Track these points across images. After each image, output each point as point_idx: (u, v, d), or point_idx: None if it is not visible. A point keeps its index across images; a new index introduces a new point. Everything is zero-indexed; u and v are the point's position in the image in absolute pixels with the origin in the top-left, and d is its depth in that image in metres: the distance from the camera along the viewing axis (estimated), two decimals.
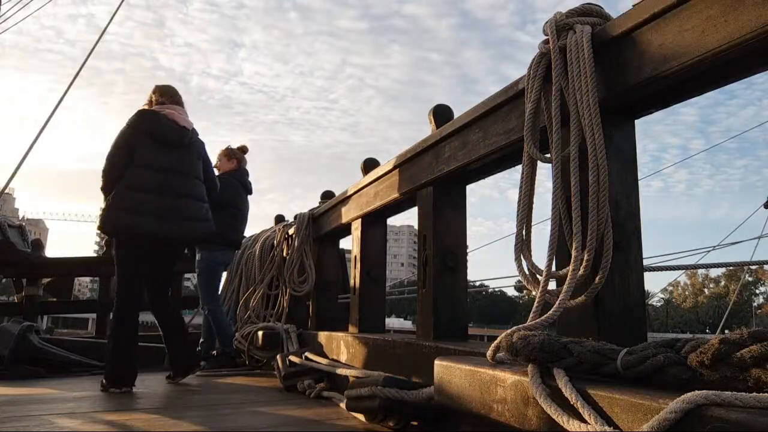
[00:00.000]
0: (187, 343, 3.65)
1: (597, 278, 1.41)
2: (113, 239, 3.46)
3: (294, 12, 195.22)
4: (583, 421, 0.95)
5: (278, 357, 3.27)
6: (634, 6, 1.39)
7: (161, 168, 3.31)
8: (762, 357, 0.81)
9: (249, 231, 5.31)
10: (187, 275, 6.82)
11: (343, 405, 2.27)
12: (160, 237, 3.27)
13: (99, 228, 3.32)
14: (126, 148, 3.29)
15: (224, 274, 5.19)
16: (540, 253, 1.50)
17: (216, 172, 4.01)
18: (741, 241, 5.64)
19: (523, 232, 1.55)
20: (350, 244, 3.63)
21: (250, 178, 5.04)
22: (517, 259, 1.53)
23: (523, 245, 1.54)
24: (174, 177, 3.34)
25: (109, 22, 6.40)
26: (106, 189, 3.28)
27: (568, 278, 1.37)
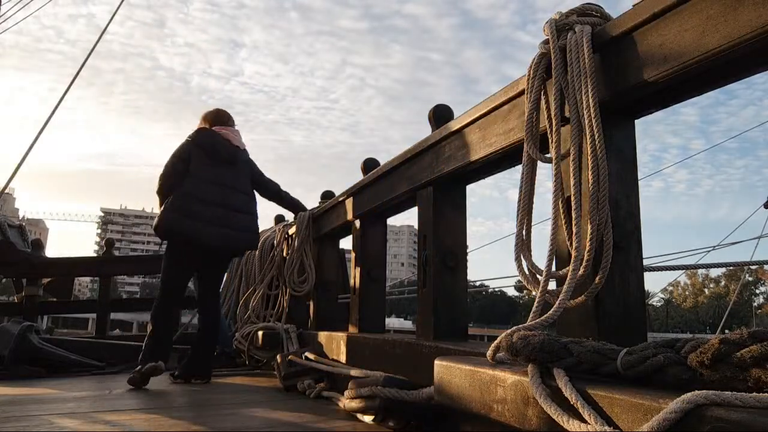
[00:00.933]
0: (209, 353, 3.71)
1: (597, 278, 1.41)
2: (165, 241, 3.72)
3: (294, 12, 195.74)
4: (583, 421, 0.95)
5: (278, 357, 3.27)
6: (634, 6, 1.39)
7: (215, 181, 3.68)
8: (762, 357, 0.81)
9: None
10: None
11: (343, 405, 2.27)
12: (206, 242, 3.61)
13: (154, 229, 3.63)
14: (184, 158, 3.67)
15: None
16: (540, 253, 1.51)
17: None
18: (741, 241, 5.62)
19: (523, 232, 1.55)
20: (350, 244, 3.64)
21: None
22: (517, 259, 1.53)
23: (523, 245, 1.54)
24: (225, 190, 3.71)
25: (109, 22, 6.39)
26: (161, 192, 3.65)
27: (568, 278, 1.37)
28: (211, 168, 3.69)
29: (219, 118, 3.96)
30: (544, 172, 1.64)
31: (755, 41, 1.13)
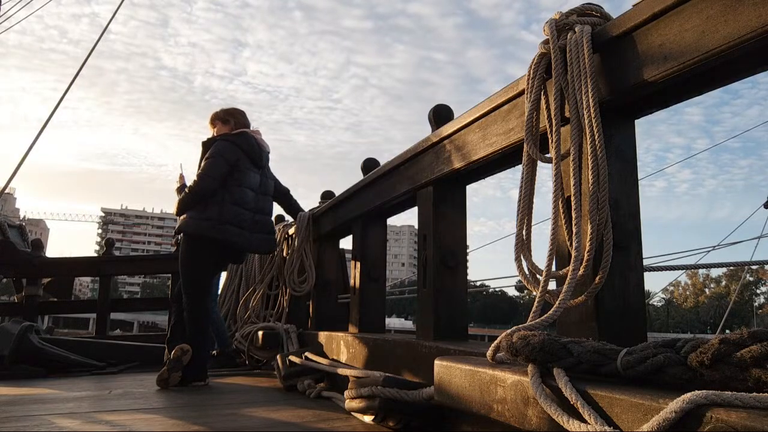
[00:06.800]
0: (207, 355, 3.66)
1: (597, 278, 1.41)
2: (191, 243, 3.61)
3: (299, 11, 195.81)
4: (583, 421, 0.95)
5: (278, 357, 3.26)
6: (634, 6, 1.39)
7: (252, 187, 3.73)
8: (762, 357, 0.81)
9: None
10: None
11: (343, 405, 2.27)
12: (252, 249, 3.82)
13: (190, 235, 3.56)
14: (232, 163, 3.60)
15: (223, 275, 5.20)
16: (540, 253, 1.51)
17: None
18: (741, 241, 5.62)
19: (523, 232, 1.55)
20: (350, 244, 3.64)
21: None
22: (517, 259, 1.53)
23: (523, 245, 1.54)
24: (258, 196, 3.79)
25: (109, 21, 6.39)
26: (198, 194, 3.53)
27: (568, 278, 1.37)
28: (251, 173, 3.72)
29: (245, 118, 3.94)
30: (545, 172, 1.64)
31: (755, 41, 1.13)
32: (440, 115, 2.50)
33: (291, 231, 4.41)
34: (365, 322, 3.22)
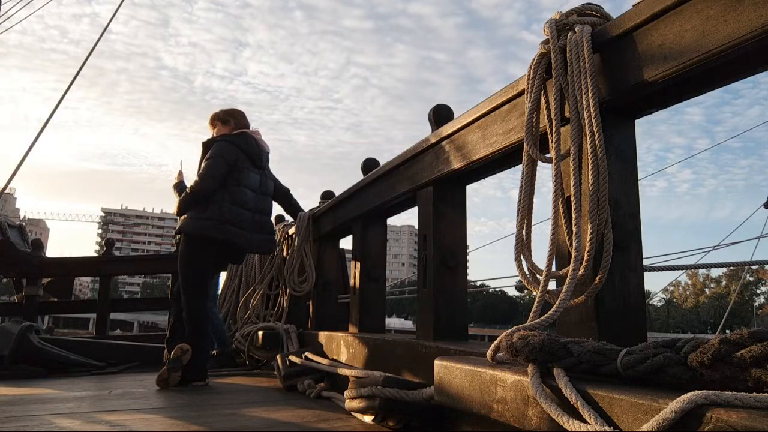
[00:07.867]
0: (206, 355, 3.63)
1: (597, 278, 1.41)
2: (191, 243, 3.60)
3: (299, 11, 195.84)
4: (583, 421, 0.95)
5: (278, 357, 3.26)
6: (634, 6, 1.39)
7: (252, 187, 3.75)
8: (762, 357, 0.81)
9: None
10: None
11: (343, 405, 2.27)
12: (253, 249, 3.83)
13: (191, 235, 3.55)
14: (231, 162, 3.62)
15: (223, 275, 5.20)
16: (540, 253, 1.51)
17: None
18: (741, 241, 5.61)
19: (523, 232, 1.55)
20: (350, 244, 3.64)
21: None
22: (517, 259, 1.53)
23: (523, 245, 1.54)
24: (258, 196, 3.80)
25: (110, 21, 6.38)
26: (199, 194, 3.55)
27: (568, 278, 1.37)
28: (250, 173, 3.73)
29: (245, 118, 3.95)
30: (545, 172, 1.64)
31: (755, 41, 1.13)
32: (440, 115, 2.50)
33: (291, 231, 4.41)
34: (365, 322, 3.22)
